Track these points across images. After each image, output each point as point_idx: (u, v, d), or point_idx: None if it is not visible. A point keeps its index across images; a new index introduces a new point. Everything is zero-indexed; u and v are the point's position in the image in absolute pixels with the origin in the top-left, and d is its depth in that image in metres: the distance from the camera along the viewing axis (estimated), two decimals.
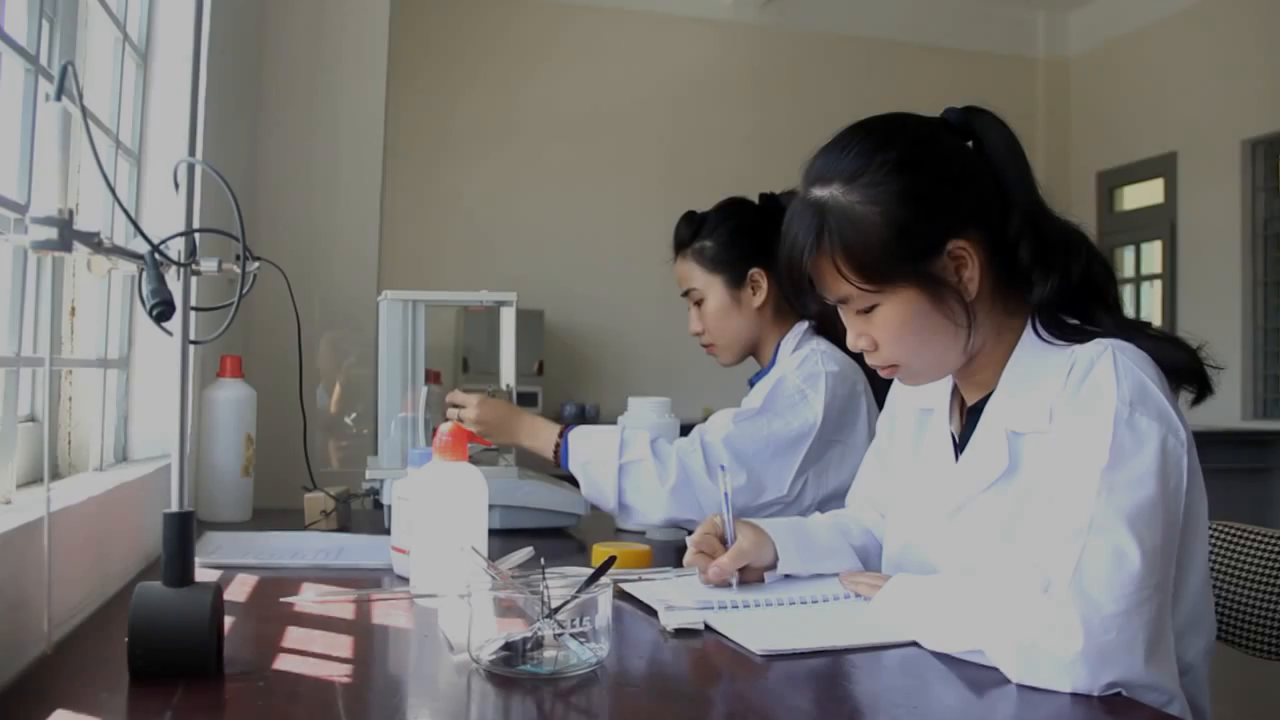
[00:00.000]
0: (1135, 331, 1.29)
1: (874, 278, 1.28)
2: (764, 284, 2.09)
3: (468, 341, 5.64)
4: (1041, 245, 1.31)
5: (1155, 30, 6.83)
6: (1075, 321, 1.32)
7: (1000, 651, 1.11)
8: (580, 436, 1.96)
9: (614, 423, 2.17)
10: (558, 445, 1.98)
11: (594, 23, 6.55)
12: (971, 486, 1.34)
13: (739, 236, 2.11)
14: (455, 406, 2.04)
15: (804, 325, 2.10)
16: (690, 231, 2.15)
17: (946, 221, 1.29)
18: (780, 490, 1.95)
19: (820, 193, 1.31)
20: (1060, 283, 1.30)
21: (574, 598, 1.05)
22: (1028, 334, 1.33)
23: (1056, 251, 1.31)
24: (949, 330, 1.31)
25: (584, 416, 5.97)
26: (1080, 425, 1.19)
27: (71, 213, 0.90)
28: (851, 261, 1.28)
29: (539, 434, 2.01)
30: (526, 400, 5.83)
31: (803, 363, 2.02)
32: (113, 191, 1.05)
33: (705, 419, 2.09)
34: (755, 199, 2.18)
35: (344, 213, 2.79)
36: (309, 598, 1.35)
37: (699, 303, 2.14)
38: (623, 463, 1.91)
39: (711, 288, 2.12)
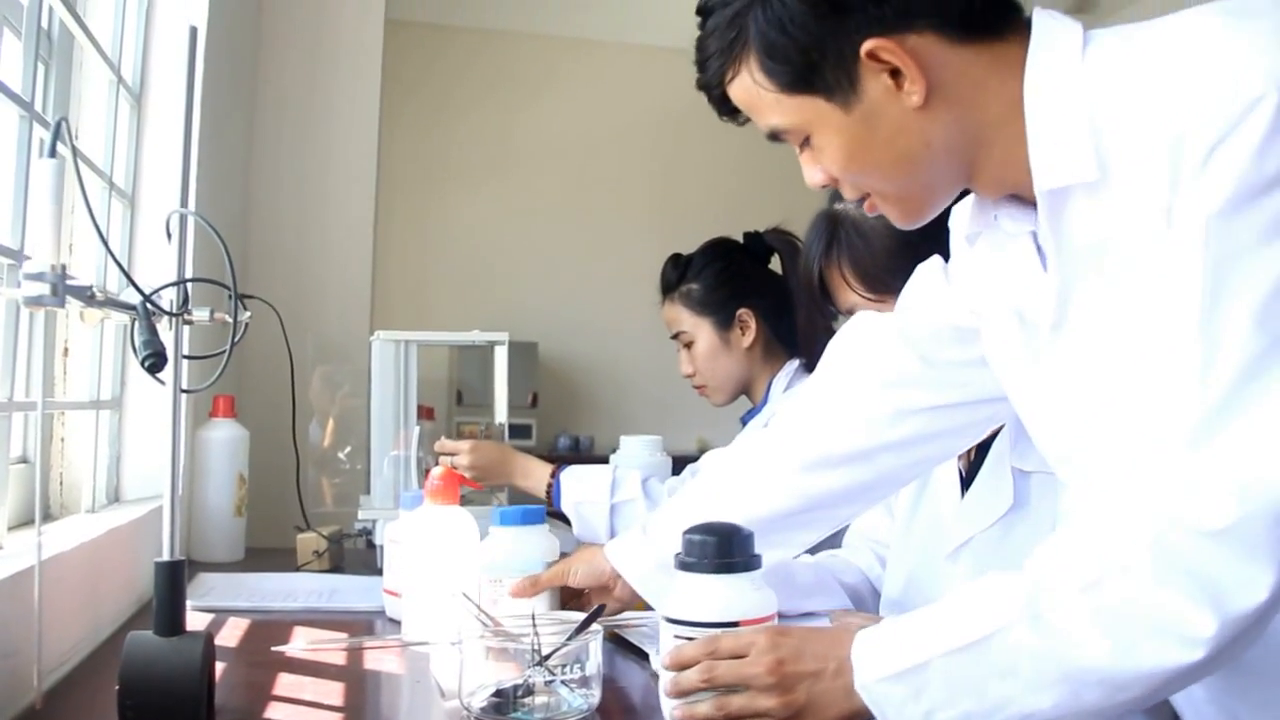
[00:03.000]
0: None
1: (876, 286, 1.33)
2: (752, 324, 2.10)
3: (462, 375, 5.64)
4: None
5: None
6: None
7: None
8: (572, 476, 1.96)
9: (608, 456, 2.18)
10: (550, 485, 1.98)
11: (586, 56, 6.59)
12: (975, 524, 1.35)
13: (725, 278, 2.12)
14: (447, 455, 2.02)
15: (795, 364, 2.11)
16: (676, 275, 2.16)
17: (950, 238, 1.31)
18: None
19: (837, 207, 1.37)
20: None
21: (564, 645, 1.06)
22: None
23: None
24: None
25: (578, 448, 5.96)
26: None
27: (65, 267, 0.91)
28: (856, 269, 1.34)
29: (531, 474, 2.02)
30: (520, 432, 5.82)
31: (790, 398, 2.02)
32: (106, 245, 1.05)
33: (700, 450, 2.09)
34: (740, 238, 2.18)
35: (337, 249, 2.80)
36: (300, 646, 1.35)
37: (689, 345, 2.15)
38: (614, 502, 1.91)
39: (700, 330, 2.13)
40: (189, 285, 1.11)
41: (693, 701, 0.96)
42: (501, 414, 2.18)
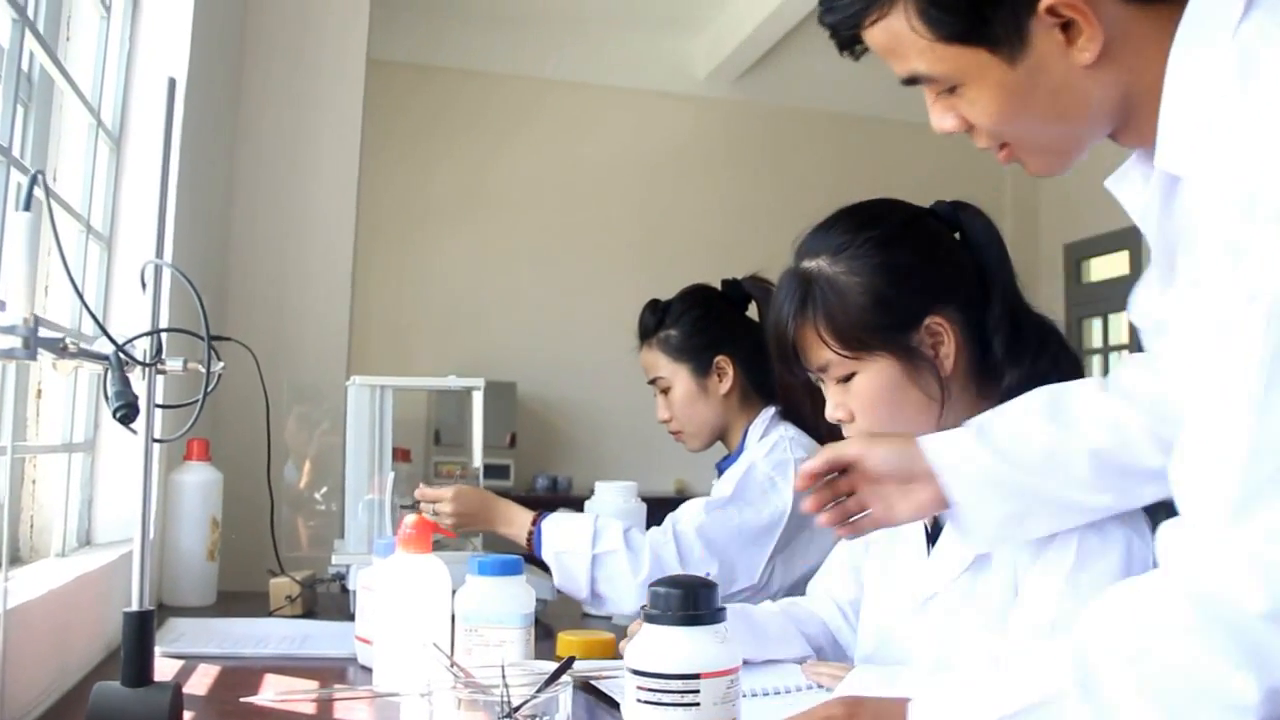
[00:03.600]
0: None
1: (852, 345, 1.33)
2: (730, 371, 2.11)
3: (440, 415, 5.63)
4: (1017, 336, 1.35)
5: None
6: None
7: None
8: (553, 525, 1.96)
9: (586, 497, 2.17)
10: (531, 533, 1.98)
11: (568, 98, 6.63)
12: (942, 575, 1.36)
13: (703, 325, 2.13)
14: (429, 503, 2.00)
15: (771, 411, 2.12)
16: (654, 320, 2.17)
17: (925, 297, 1.33)
18: (751, 579, 1.96)
19: (808, 264, 1.38)
20: (1029, 372, 1.34)
21: (534, 696, 1.06)
22: None
23: (1030, 343, 1.35)
24: (922, 403, 1.35)
25: (556, 488, 5.95)
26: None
27: (37, 320, 0.92)
28: (832, 328, 1.34)
29: (513, 521, 2.00)
30: (498, 472, 5.81)
31: (771, 450, 2.03)
32: (81, 298, 1.06)
33: (677, 492, 2.10)
34: (718, 285, 2.20)
35: (316, 291, 2.80)
36: (269, 696, 1.34)
37: (666, 391, 2.16)
38: (596, 553, 1.90)
39: (677, 376, 2.14)
40: (163, 333, 1.12)
41: None
42: (478, 459, 2.18)
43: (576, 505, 2.16)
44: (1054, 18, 0.94)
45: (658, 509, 2.13)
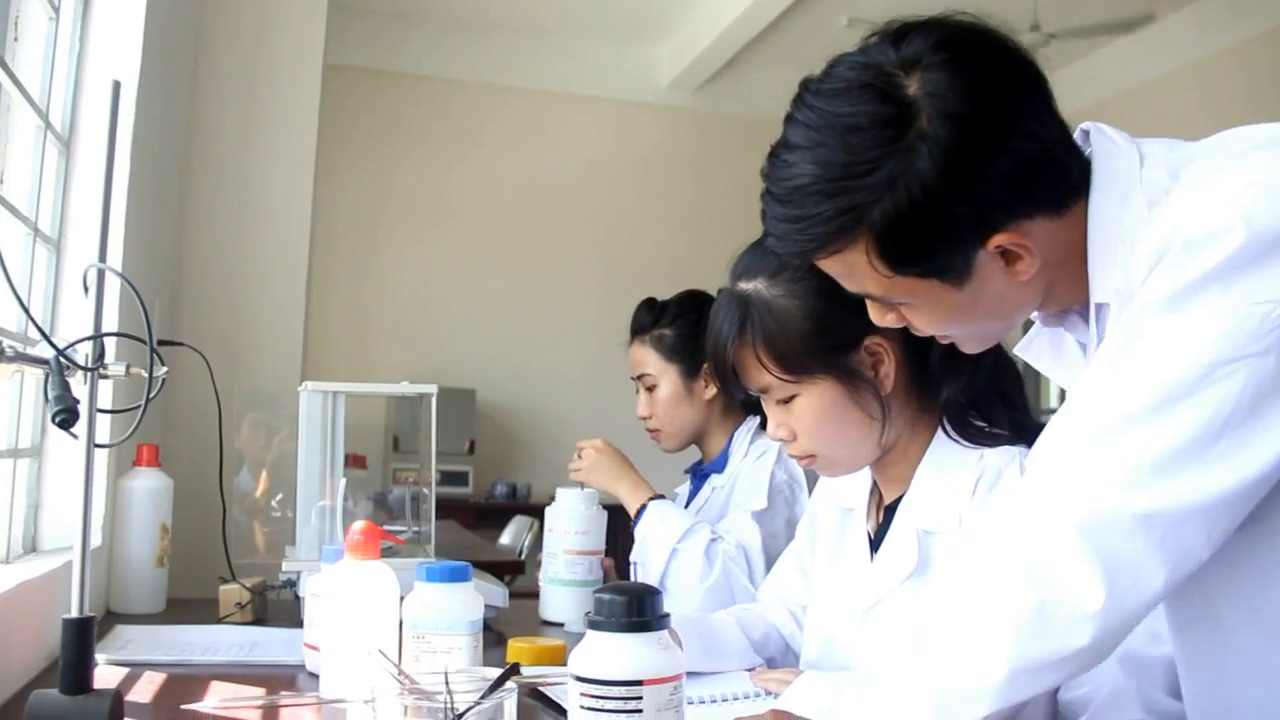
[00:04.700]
0: (1035, 435, 1.33)
1: (792, 368, 1.34)
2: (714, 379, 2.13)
3: (398, 422, 5.59)
4: (953, 349, 1.36)
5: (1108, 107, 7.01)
6: (982, 424, 1.37)
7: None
8: (656, 510, 2.01)
9: (545, 504, 2.17)
10: (640, 509, 2.03)
11: (530, 105, 6.63)
12: (884, 584, 1.37)
13: (698, 329, 2.13)
14: (580, 449, 2.13)
15: (755, 420, 2.14)
16: (651, 318, 2.19)
17: (864, 318, 1.33)
18: None
19: (745, 286, 1.38)
20: (966, 384, 1.35)
21: (478, 703, 1.05)
22: (940, 432, 1.38)
23: (964, 354, 1.36)
24: (864, 423, 1.36)
25: (515, 495, 5.94)
26: None
27: None
28: (772, 352, 1.34)
29: (634, 494, 2.06)
30: (457, 479, 5.79)
31: (780, 459, 2.06)
32: (21, 302, 1.05)
33: None
34: (713, 293, 2.21)
35: (271, 296, 2.78)
36: (210, 704, 1.33)
37: (651, 388, 2.18)
38: (676, 547, 1.94)
39: (666, 375, 2.17)
40: (113, 337, 1.11)
41: None
42: (431, 466, 2.17)
43: (534, 513, 2.16)
44: (999, 249, 1.03)
45: (617, 516, 2.13)
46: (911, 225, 1.01)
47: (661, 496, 2.08)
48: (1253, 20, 5.59)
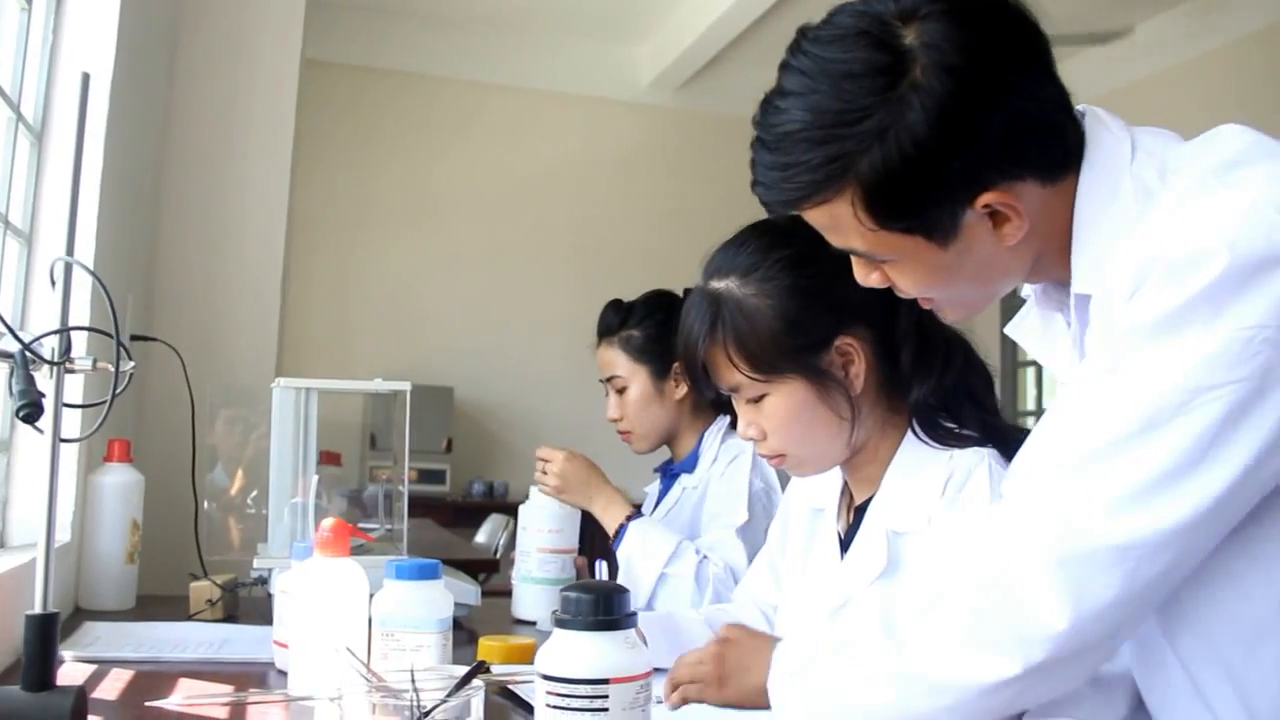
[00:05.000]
0: (1004, 437, 1.34)
1: (763, 368, 1.34)
2: (687, 377, 2.12)
3: (375, 419, 5.57)
4: (923, 349, 1.36)
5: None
6: (952, 425, 1.37)
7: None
8: (638, 531, 1.97)
9: (521, 504, 2.16)
10: (619, 530, 1.99)
11: (511, 102, 6.62)
12: (853, 584, 1.37)
13: (667, 329, 2.12)
14: (543, 460, 2.05)
15: (725, 420, 2.13)
16: (618, 319, 2.18)
17: (835, 318, 1.34)
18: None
19: (717, 285, 1.38)
20: (935, 386, 1.35)
21: (444, 700, 1.05)
22: (910, 433, 1.38)
23: (937, 355, 1.36)
24: (834, 423, 1.36)
25: (492, 494, 5.92)
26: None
27: None
28: (742, 351, 1.34)
29: (609, 509, 2.02)
30: (434, 477, 5.78)
31: (755, 464, 2.05)
32: None
33: None
34: (679, 292, 2.20)
35: (246, 293, 2.77)
36: (176, 701, 1.32)
37: (621, 390, 2.16)
38: (665, 572, 1.91)
39: (636, 377, 2.15)
40: (84, 332, 1.10)
41: None
42: (404, 463, 2.16)
43: (511, 511, 2.15)
44: (987, 209, 1.02)
45: (590, 519, 2.12)
46: (899, 178, 1.00)
47: (638, 510, 2.05)
48: (1224, 30, 5.62)
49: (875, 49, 1.00)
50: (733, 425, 2.11)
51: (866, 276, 1.14)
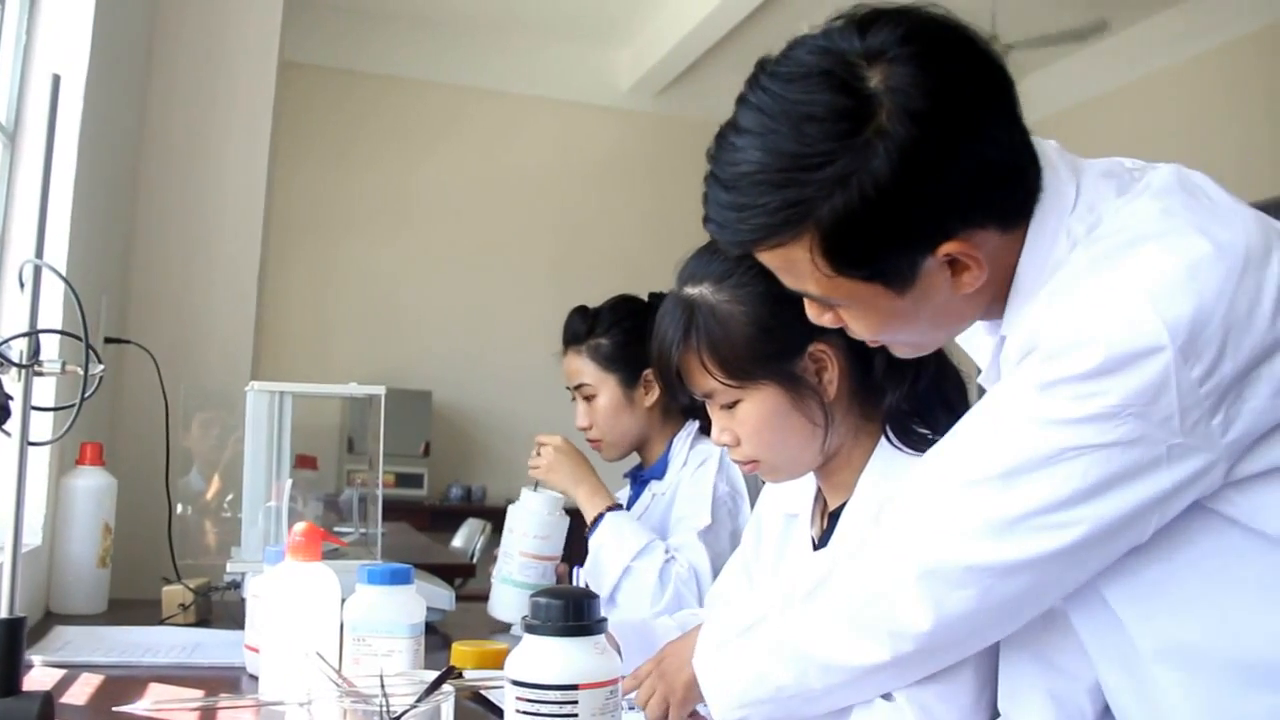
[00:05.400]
0: None
1: (736, 374, 1.34)
2: (657, 385, 2.11)
3: (353, 423, 5.56)
4: (896, 356, 1.36)
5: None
6: (925, 431, 1.37)
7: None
8: (611, 523, 1.98)
9: (501, 507, 2.15)
10: (597, 518, 2.00)
11: (491, 106, 6.61)
12: None
13: (636, 336, 2.11)
14: (540, 444, 2.10)
15: (695, 425, 2.13)
16: (585, 327, 2.15)
17: (808, 324, 1.34)
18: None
19: (691, 291, 1.38)
20: (909, 392, 1.35)
21: (412, 707, 1.05)
22: (883, 439, 1.38)
23: (909, 362, 1.36)
24: (807, 429, 1.36)
25: (470, 499, 5.91)
26: None
27: None
28: (716, 357, 1.34)
29: (593, 500, 2.04)
30: (412, 481, 5.76)
31: (721, 468, 2.05)
32: None
33: None
34: (645, 297, 2.19)
35: (222, 296, 2.75)
36: (145, 706, 1.32)
37: (589, 398, 2.15)
38: (631, 565, 1.92)
39: (605, 385, 2.13)
40: (55, 336, 1.10)
41: None
42: (381, 466, 2.16)
43: (489, 515, 2.15)
44: (947, 257, 1.02)
45: (576, 521, 2.12)
46: (860, 226, 0.98)
47: (620, 506, 2.06)
48: (1206, 35, 5.65)
49: (838, 91, 0.98)
50: (702, 430, 2.11)
51: (819, 316, 1.15)
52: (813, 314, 1.15)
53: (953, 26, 1.03)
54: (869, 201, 0.97)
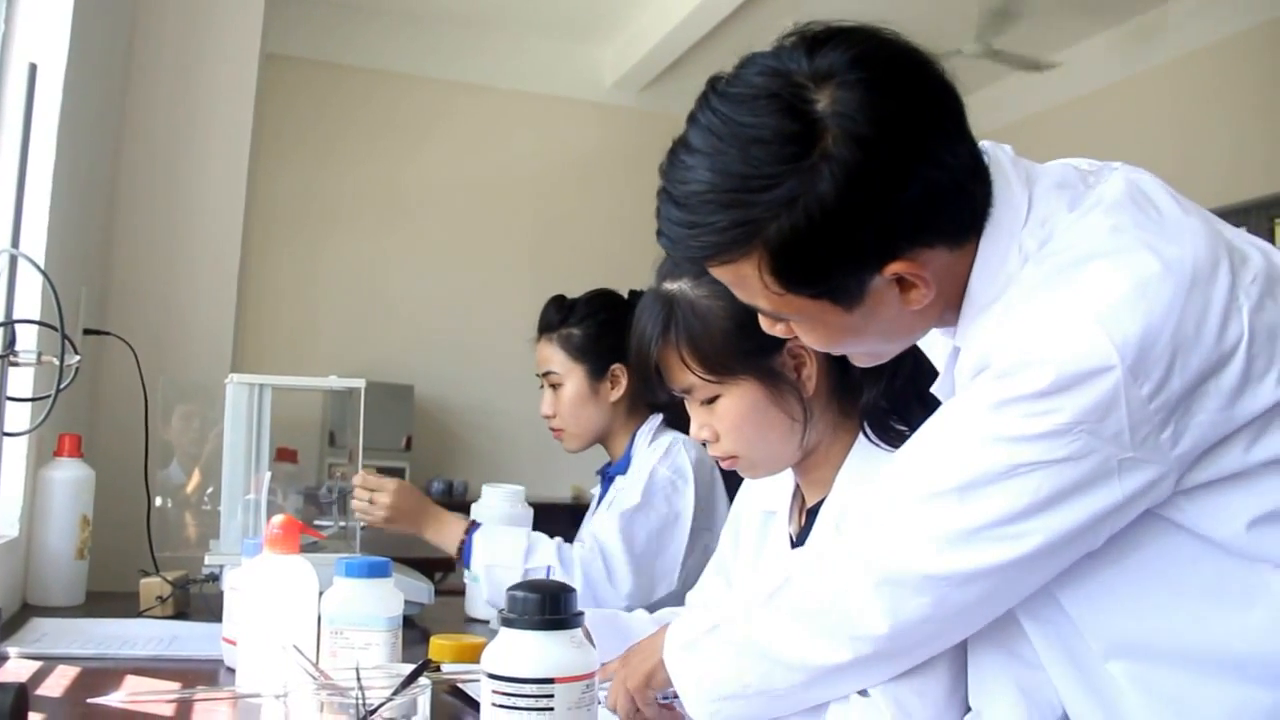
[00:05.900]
0: None
1: (715, 369, 1.34)
2: (624, 380, 2.13)
3: (334, 416, 5.54)
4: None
5: (1046, 118, 7.07)
6: (903, 428, 1.38)
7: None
8: (485, 538, 1.96)
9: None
10: (462, 544, 1.98)
11: (474, 101, 6.59)
12: None
13: (607, 329, 2.13)
14: (368, 490, 2.02)
15: (659, 419, 2.14)
16: (559, 316, 2.18)
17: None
18: (670, 584, 2.00)
19: (670, 287, 1.38)
20: (886, 388, 1.36)
21: (389, 699, 1.05)
22: (861, 435, 1.39)
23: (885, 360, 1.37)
24: (785, 425, 1.36)
25: (452, 493, 5.89)
26: None
27: None
28: (695, 353, 1.34)
29: (444, 529, 2.01)
30: (394, 475, 5.74)
31: (667, 453, 2.07)
32: None
33: (574, 499, 2.11)
34: (624, 293, 2.21)
35: (203, 288, 2.74)
36: (121, 697, 1.32)
37: (556, 386, 2.17)
38: (528, 568, 1.91)
39: (572, 375, 2.15)
40: (33, 326, 1.09)
41: None
42: (361, 460, 2.16)
43: (470, 510, 2.15)
44: (895, 276, 1.04)
45: (555, 515, 2.13)
46: (807, 247, 1.00)
47: (475, 524, 2.02)
48: (1199, 32, 5.67)
49: (785, 115, 0.99)
50: (667, 423, 2.12)
51: (772, 328, 1.16)
52: (765, 325, 1.17)
53: (903, 49, 1.04)
54: (815, 223, 0.98)
